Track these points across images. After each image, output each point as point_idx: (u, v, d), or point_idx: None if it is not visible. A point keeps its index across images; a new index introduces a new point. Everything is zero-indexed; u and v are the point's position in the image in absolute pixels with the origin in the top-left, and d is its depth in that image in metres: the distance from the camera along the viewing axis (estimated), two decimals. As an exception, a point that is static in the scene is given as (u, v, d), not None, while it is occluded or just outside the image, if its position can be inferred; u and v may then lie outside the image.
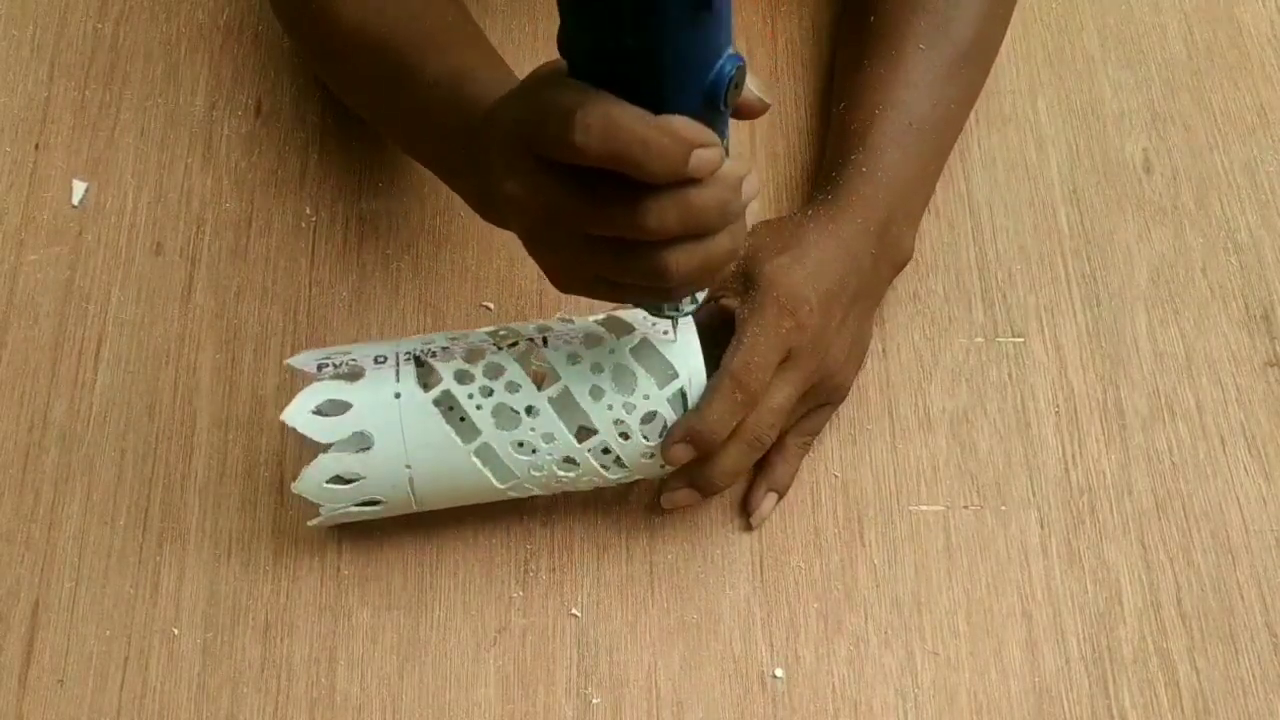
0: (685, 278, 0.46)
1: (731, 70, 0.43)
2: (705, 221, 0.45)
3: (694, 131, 0.42)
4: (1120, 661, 0.62)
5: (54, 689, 0.61)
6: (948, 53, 0.67)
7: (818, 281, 0.59)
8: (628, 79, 0.42)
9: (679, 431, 0.57)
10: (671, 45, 0.41)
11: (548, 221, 0.46)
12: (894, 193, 0.64)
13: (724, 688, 0.61)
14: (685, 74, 0.42)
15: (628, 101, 0.42)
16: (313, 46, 0.68)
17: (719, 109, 0.44)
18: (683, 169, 0.42)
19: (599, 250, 0.46)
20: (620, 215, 0.44)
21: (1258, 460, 0.66)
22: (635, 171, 0.42)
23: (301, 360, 0.58)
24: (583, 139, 0.41)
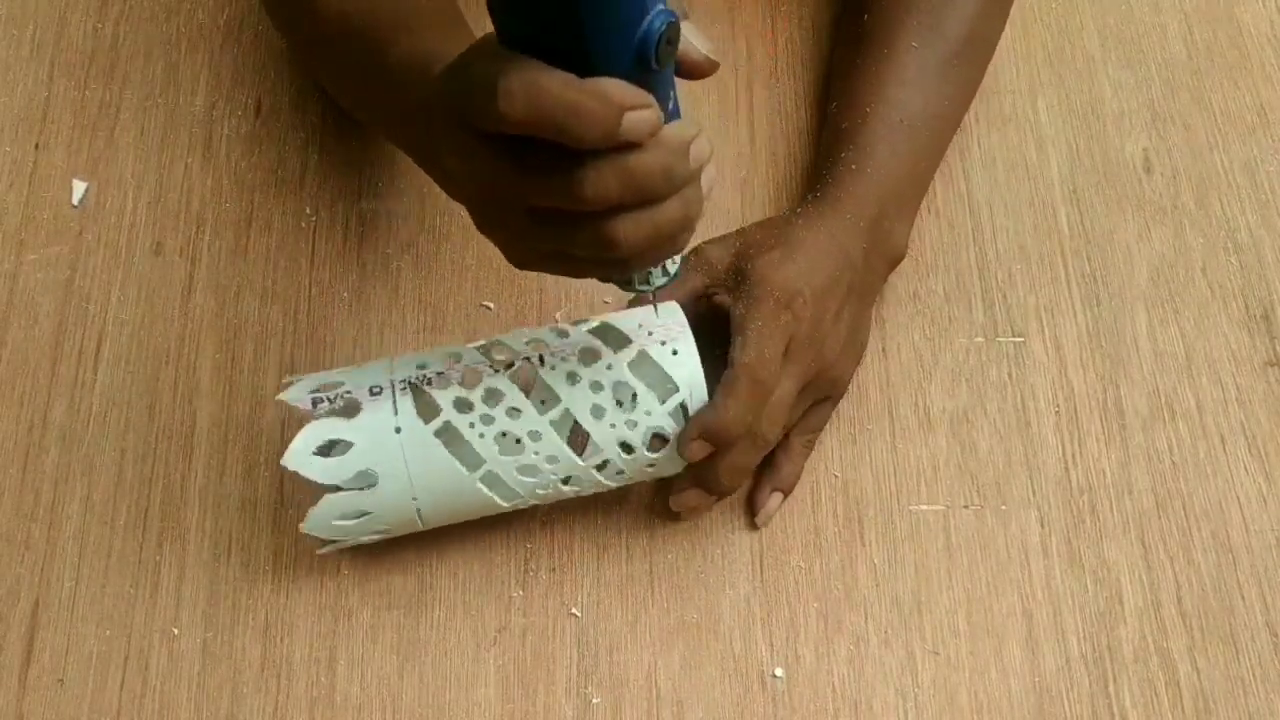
0: (636, 248, 0.44)
1: (662, 25, 0.41)
2: (649, 187, 0.43)
3: (624, 93, 0.41)
4: (1121, 661, 0.61)
5: (54, 688, 0.61)
6: (941, 50, 0.67)
7: (810, 276, 0.60)
8: (552, 43, 0.40)
9: (696, 428, 0.57)
10: (590, 2, 0.39)
11: (490, 196, 0.45)
12: (884, 189, 0.64)
13: (724, 687, 0.61)
14: (610, 33, 0.40)
15: (555, 67, 0.40)
16: (295, 35, 0.68)
17: (651, 68, 0.42)
18: (614, 132, 0.41)
19: (545, 224, 0.44)
20: (558, 185, 0.42)
21: (1258, 460, 0.66)
22: (565, 138, 0.41)
23: (294, 396, 0.57)
24: (506, 107, 0.40)
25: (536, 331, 0.59)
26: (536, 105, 0.40)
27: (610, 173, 0.42)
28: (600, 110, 0.40)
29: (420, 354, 0.59)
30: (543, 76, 0.40)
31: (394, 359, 0.59)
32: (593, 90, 0.40)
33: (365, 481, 0.56)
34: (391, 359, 0.59)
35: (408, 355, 0.59)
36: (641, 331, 0.58)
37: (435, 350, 0.59)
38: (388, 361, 0.58)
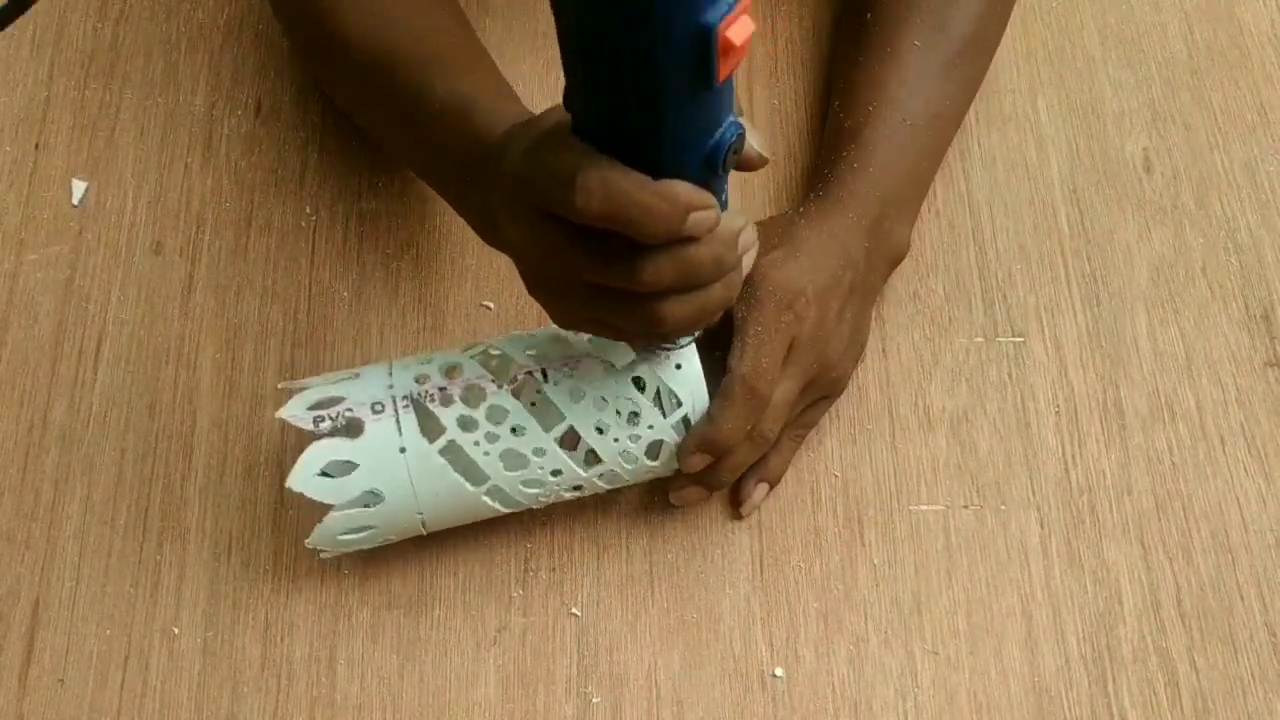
0: (679, 326, 0.48)
1: (732, 138, 0.44)
2: (700, 275, 0.46)
3: (692, 195, 0.44)
4: (1120, 661, 0.62)
5: (54, 688, 0.61)
6: (944, 50, 0.67)
7: (812, 275, 0.60)
8: (630, 144, 0.43)
9: (695, 441, 0.57)
10: (673, 119, 0.42)
11: (548, 268, 0.48)
12: (886, 188, 0.64)
13: (724, 687, 0.61)
14: (686, 144, 0.43)
15: (628, 164, 0.43)
16: (315, 57, 0.68)
17: (718, 173, 0.45)
18: (679, 231, 0.44)
19: (597, 297, 0.48)
20: (618, 269, 0.45)
21: (1258, 460, 0.66)
22: (633, 233, 0.44)
23: (294, 413, 0.56)
24: (583, 203, 0.43)
25: (535, 336, 0.59)
26: (611, 203, 0.43)
27: (668, 262, 0.45)
28: (670, 212, 0.43)
29: (418, 359, 0.58)
30: (619, 177, 0.43)
31: (391, 366, 0.58)
32: (664, 193, 0.43)
33: (371, 500, 0.56)
34: (389, 366, 0.58)
35: (406, 360, 0.58)
36: None
37: (434, 358, 0.58)
38: (386, 370, 0.58)
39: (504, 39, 0.76)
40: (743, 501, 0.64)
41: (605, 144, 0.43)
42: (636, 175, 0.43)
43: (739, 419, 0.57)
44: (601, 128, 0.43)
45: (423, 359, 0.58)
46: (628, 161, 0.43)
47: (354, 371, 0.59)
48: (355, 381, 0.57)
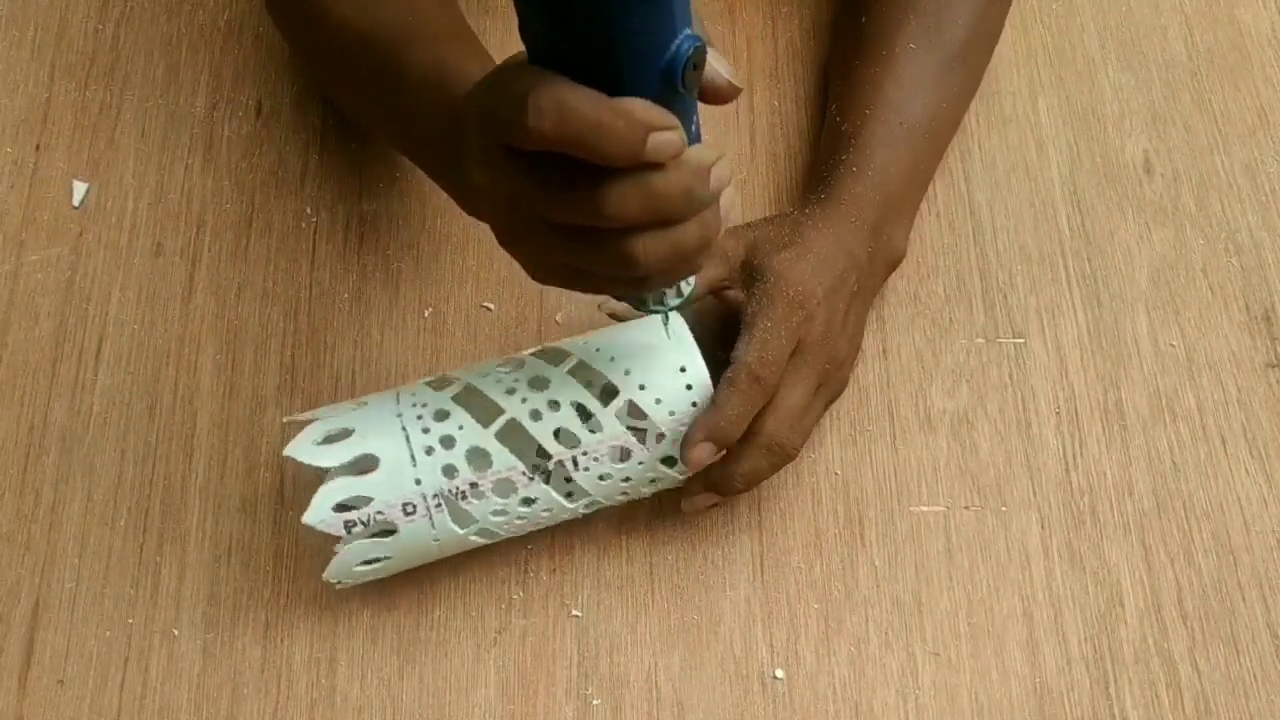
0: (654, 266, 0.45)
1: (689, 50, 0.42)
2: (670, 207, 0.44)
3: (650, 113, 0.42)
4: (1121, 662, 0.61)
5: (54, 689, 0.61)
6: (940, 52, 0.67)
7: (822, 276, 0.60)
8: (582, 62, 0.41)
9: (699, 432, 0.57)
10: (622, 26, 0.40)
11: (514, 211, 0.46)
12: (885, 192, 0.64)
13: (724, 688, 0.61)
14: (639, 55, 0.41)
15: (584, 85, 0.41)
16: (303, 43, 0.68)
17: (678, 90, 0.43)
18: (640, 152, 0.41)
19: (566, 239, 0.45)
20: (581, 201, 0.43)
21: (1258, 461, 0.66)
22: (591, 154, 0.41)
23: (319, 517, 0.55)
24: (535, 122, 0.41)
25: (550, 377, 0.57)
26: (565, 122, 0.41)
27: (633, 191, 0.43)
28: (627, 129, 0.41)
29: (440, 432, 0.56)
30: (572, 94, 0.41)
31: (409, 437, 0.56)
32: (620, 109, 0.41)
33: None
34: (408, 437, 0.56)
35: (425, 440, 0.56)
36: (672, 419, 0.57)
37: (459, 446, 0.56)
38: (405, 441, 0.56)
39: (505, 39, 0.76)
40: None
41: (559, 66, 0.42)
42: (590, 92, 0.41)
43: (741, 407, 0.56)
44: (553, 50, 0.42)
45: (445, 428, 0.56)
46: (583, 83, 0.41)
47: (369, 416, 0.57)
48: (372, 434, 0.56)
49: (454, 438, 0.56)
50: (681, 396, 0.57)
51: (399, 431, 0.56)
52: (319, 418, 0.58)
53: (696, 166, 0.44)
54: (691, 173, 0.44)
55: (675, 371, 0.57)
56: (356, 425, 0.57)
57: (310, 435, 0.57)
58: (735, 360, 0.57)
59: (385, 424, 0.56)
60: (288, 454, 0.56)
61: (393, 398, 0.58)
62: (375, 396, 0.59)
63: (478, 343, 0.69)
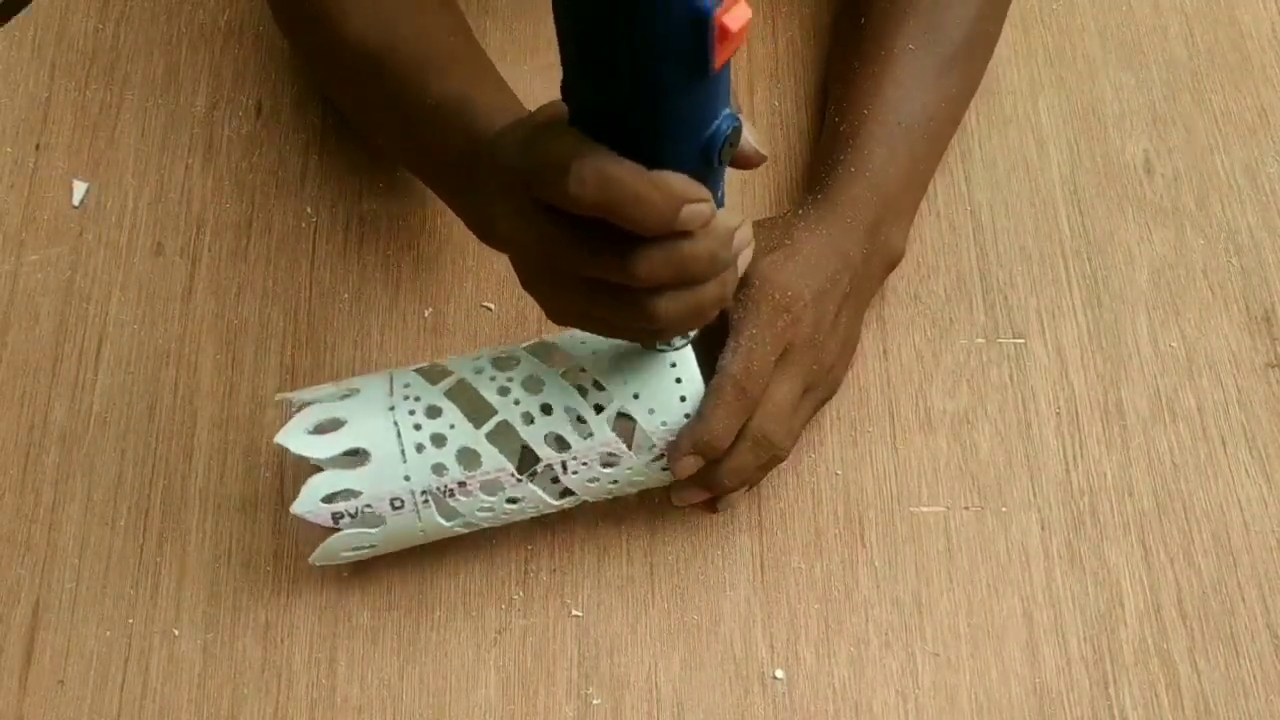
0: (673, 323, 0.48)
1: (728, 130, 0.44)
2: (695, 271, 0.46)
3: (686, 187, 0.44)
4: (1121, 663, 0.61)
5: (54, 689, 0.61)
6: (938, 53, 0.67)
7: (810, 278, 0.60)
8: (625, 133, 0.43)
9: (685, 443, 0.57)
10: (669, 108, 0.42)
11: (542, 261, 0.48)
12: (883, 192, 0.64)
13: (724, 689, 0.61)
14: (682, 133, 0.43)
15: (623, 154, 0.43)
16: (314, 58, 0.68)
17: (714, 166, 0.45)
18: (674, 223, 0.44)
19: (591, 291, 0.47)
20: (612, 262, 0.45)
21: (1259, 461, 0.66)
22: (627, 223, 0.43)
23: (307, 507, 0.56)
24: (578, 191, 0.43)
25: (544, 379, 0.57)
26: (606, 192, 0.43)
27: (661, 257, 0.45)
28: (664, 202, 0.43)
29: (431, 429, 0.56)
30: (614, 166, 0.43)
31: (400, 432, 0.56)
32: (660, 183, 0.43)
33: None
34: (399, 433, 0.56)
35: (416, 436, 0.56)
36: (662, 429, 0.57)
37: (449, 445, 0.56)
38: (396, 436, 0.56)
39: (505, 42, 0.77)
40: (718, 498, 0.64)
41: (601, 135, 0.43)
42: (632, 164, 0.43)
43: (727, 419, 0.57)
44: (597, 118, 0.43)
45: (437, 425, 0.56)
46: (623, 153, 0.43)
47: (355, 400, 0.57)
48: (360, 423, 0.56)
49: (445, 436, 0.56)
50: (675, 407, 0.57)
51: (391, 426, 0.56)
52: (315, 399, 0.58)
53: (722, 233, 0.46)
54: (717, 240, 0.46)
55: (670, 381, 0.57)
56: (348, 415, 0.57)
57: (301, 423, 0.57)
58: (720, 370, 0.57)
59: (377, 416, 0.56)
60: (278, 441, 0.56)
61: (385, 386, 0.57)
62: (367, 380, 0.58)
63: (478, 343, 0.69)
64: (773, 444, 0.59)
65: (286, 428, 0.57)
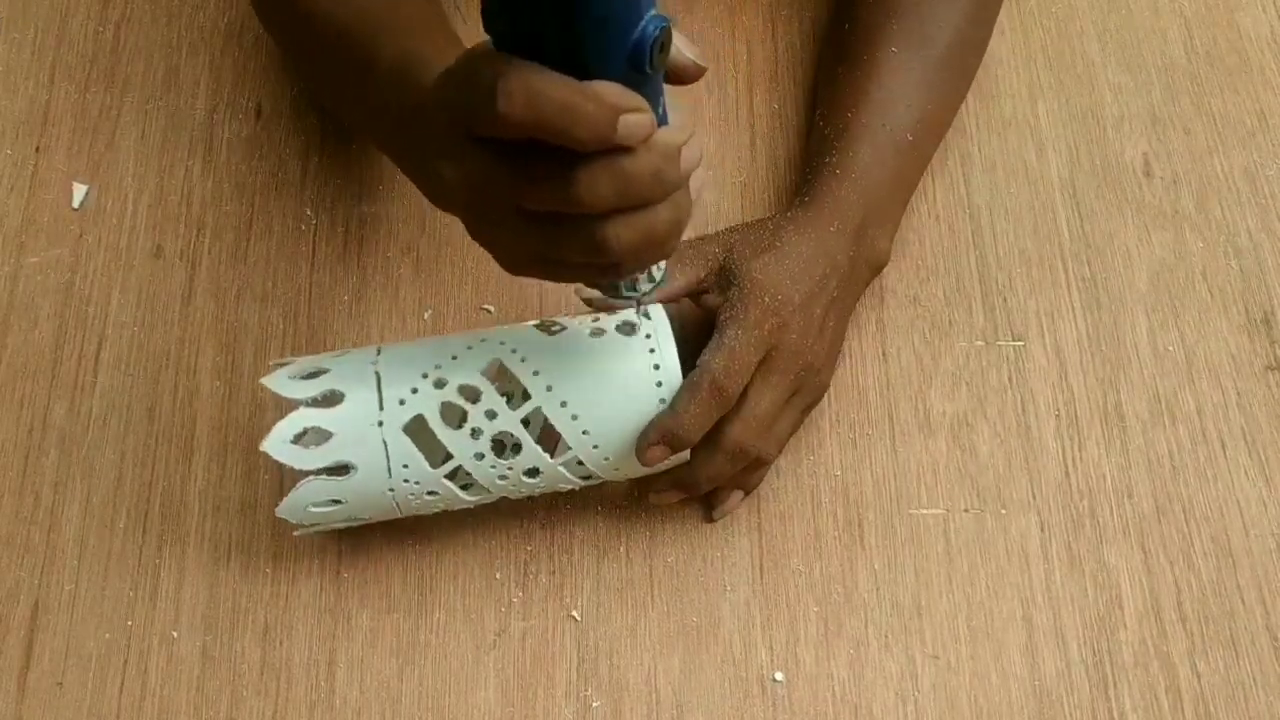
0: (627, 251, 0.45)
1: (655, 31, 0.42)
2: (641, 191, 0.43)
3: (619, 96, 0.41)
4: (1121, 665, 0.61)
5: (53, 691, 0.61)
6: (924, 57, 0.67)
7: (799, 282, 0.60)
8: (548, 46, 0.41)
9: (655, 433, 0.57)
10: (585, 9, 0.40)
11: (483, 200, 0.46)
12: (868, 195, 0.64)
13: (724, 691, 0.61)
14: (606, 37, 0.41)
15: (551, 70, 0.41)
16: (282, 36, 0.68)
17: (645, 72, 0.42)
18: (610, 135, 0.41)
19: (537, 227, 0.45)
20: (551, 187, 0.43)
21: (1258, 464, 0.66)
22: (561, 139, 0.41)
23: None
24: (505, 108, 0.41)
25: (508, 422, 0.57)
26: (534, 107, 0.40)
27: (603, 175, 0.42)
28: (596, 113, 0.41)
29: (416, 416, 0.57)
30: (540, 79, 0.40)
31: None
32: (590, 93, 0.41)
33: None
34: (377, 372, 0.57)
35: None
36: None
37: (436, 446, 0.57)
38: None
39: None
40: (715, 506, 0.64)
41: (526, 53, 0.41)
42: (559, 76, 0.41)
43: (699, 414, 0.57)
44: (518, 35, 0.42)
45: None
46: (550, 68, 0.41)
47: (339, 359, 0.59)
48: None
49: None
50: (614, 423, 0.57)
51: (372, 375, 0.57)
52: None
53: (666, 148, 0.44)
54: (661, 155, 0.43)
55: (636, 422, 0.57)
56: (332, 365, 0.58)
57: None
58: (700, 365, 0.57)
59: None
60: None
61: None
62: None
63: (477, 345, 0.69)
64: (749, 454, 0.59)
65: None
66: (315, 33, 0.61)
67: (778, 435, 0.61)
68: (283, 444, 0.56)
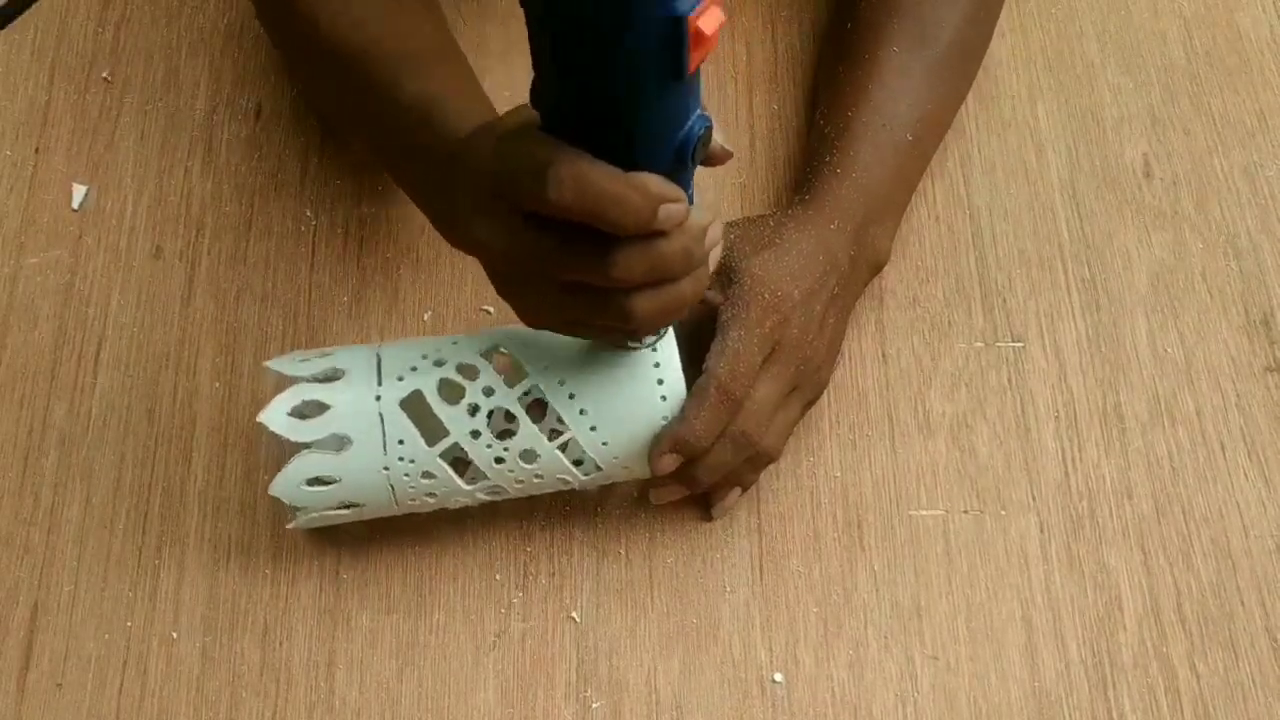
0: (648, 321, 0.48)
1: (700, 130, 0.45)
2: (670, 270, 0.47)
3: (662, 188, 0.44)
4: (1120, 666, 0.61)
5: (52, 692, 0.61)
6: (925, 56, 0.67)
7: (799, 279, 0.60)
8: (600, 137, 0.43)
9: (667, 442, 0.57)
10: (645, 111, 0.43)
11: (519, 266, 0.48)
12: (868, 194, 0.64)
13: (723, 692, 0.61)
14: (657, 136, 0.44)
15: (598, 157, 0.43)
16: (294, 56, 0.68)
17: (688, 166, 0.46)
18: (651, 222, 0.44)
19: (568, 294, 0.48)
20: (590, 264, 0.46)
21: (1257, 465, 0.66)
22: (606, 226, 0.44)
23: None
24: (556, 194, 0.43)
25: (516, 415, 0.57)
26: (584, 195, 0.43)
27: (639, 257, 0.46)
28: (640, 203, 0.44)
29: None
30: (590, 168, 0.43)
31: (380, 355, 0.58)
32: (636, 185, 0.44)
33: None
34: (378, 354, 0.58)
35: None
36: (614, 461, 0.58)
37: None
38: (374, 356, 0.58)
39: (507, 48, 0.76)
40: (713, 504, 0.64)
41: (575, 139, 0.43)
42: (608, 167, 0.43)
43: (710, 420, 0.57)
44: (571, 122, 0.44)
45: None
46: (598, 156, 0.43)
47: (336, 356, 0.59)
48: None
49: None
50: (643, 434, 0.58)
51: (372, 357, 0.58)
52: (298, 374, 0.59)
53: (695, 230, 0.47)
54: (691, 237, 0.47)
55: (644, 415, 0.57)
56: (334, 351, 0.59)
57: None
58: (706, 371, 0.58)
59: (360, 354, 0.58)
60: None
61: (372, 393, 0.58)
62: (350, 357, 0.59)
63: (477, 346, 0.69)
64: (750, 442, 0.59)
65: (278, 357, 0.59)
66: (322, 52, 0.61)
67: (777, 428, 0.61)
68: (280, 416, 0.57)
